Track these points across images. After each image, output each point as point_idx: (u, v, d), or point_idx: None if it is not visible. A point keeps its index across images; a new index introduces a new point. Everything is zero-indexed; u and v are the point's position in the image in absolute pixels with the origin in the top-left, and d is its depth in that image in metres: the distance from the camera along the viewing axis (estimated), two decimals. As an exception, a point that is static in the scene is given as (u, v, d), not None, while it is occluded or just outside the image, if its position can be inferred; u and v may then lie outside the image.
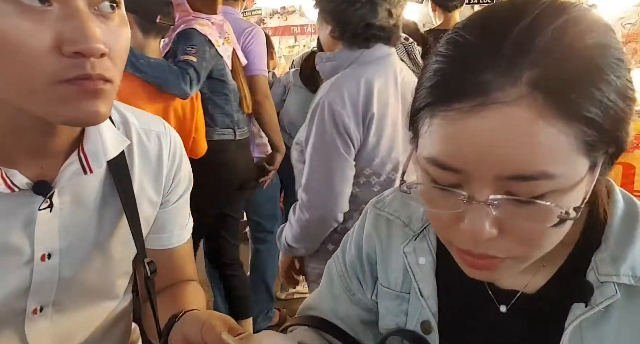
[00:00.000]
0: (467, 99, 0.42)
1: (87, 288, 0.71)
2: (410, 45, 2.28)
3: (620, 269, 0.52)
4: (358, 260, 0.72)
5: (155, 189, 0.76)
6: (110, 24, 0.54)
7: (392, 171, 1.37)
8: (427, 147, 0.47)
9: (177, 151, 0.78)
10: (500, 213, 0.44)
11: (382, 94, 1.30)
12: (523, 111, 0.41)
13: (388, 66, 1.33)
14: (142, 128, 0.74)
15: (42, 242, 0.63)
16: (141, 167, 0.73)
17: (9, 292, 0.63)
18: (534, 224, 0.45)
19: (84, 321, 0.74)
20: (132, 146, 0.72)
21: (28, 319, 0.66)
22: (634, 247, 0.52)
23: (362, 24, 1.25)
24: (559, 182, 0.42)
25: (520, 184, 0.43)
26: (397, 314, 0.66)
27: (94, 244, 0.70)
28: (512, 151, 0.41)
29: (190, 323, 0.66)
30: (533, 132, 0.41)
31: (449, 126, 0.44)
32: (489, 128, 0.42)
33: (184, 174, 0.80)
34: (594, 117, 0.41)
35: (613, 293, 0.51)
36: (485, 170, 0.43)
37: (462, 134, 0.43)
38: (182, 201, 0.81)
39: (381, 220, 0.69)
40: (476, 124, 0.42)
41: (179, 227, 0.82)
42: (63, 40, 0.49)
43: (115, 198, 0.70)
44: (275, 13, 6.10)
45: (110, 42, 0.53)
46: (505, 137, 0.41)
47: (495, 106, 0.41)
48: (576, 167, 0.43)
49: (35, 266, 0.63)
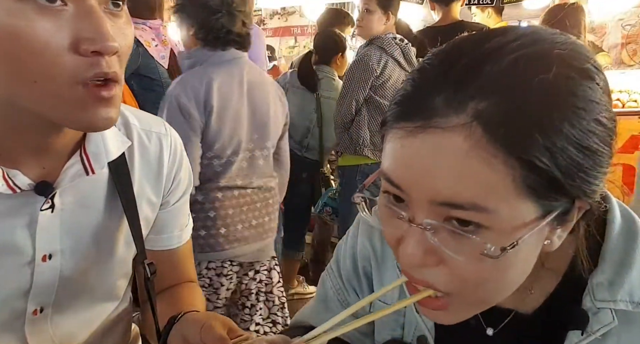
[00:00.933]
0: (413, 120, 0.42)
1: (88, 288, 0.71)
2: (405, 46, 2.28)
3: (617, 295, 0.50)
4: (354, 273, 0.70)
5: (155, 190, 0.76)
6: (118, 22, 0.54)
7: (232, 154, 1.64)
8: (383, 161, 0.47)
9: (178, 152, 0.78)
10: (439, 240, 0.43)
11: (223, 90, 1.57)
12: (459, 140, 0.40)
13: (234, 67, 1.62)
14: (143, 129, 0.74)
15: (43, 243, 0.63)
16: (141, 168, 0.74)
17: (10, 292, 0.63)
18: (470, 258, 0.43)
19: (84, 322, 0.74)
20: (133, 147, 0.72)
21: (28, 320, 0.66)
22: (631, 272, 0.50)
23: (224, 31, 1.54)
24: (494, 218, 0.41)
25: (455, 212, 0.42)
26: (394, 327, 0.66)
27: (95, 245, 0.70)
28: (443, 177, 0.41)
29: (190, 324, 0.66)
30: (465, 163, 0.40)
31: (396, 142, 0.44)
32: (425, 152, 0.42)
33: (184, 175, 0.80)
34: (537, 164, 0.39)
35: (610, 320, 0.50)
36: (420, 193, 0.43)
37: (404, 152, 0.44)
38: (182, 202, 0.82)
39: (375, 233, 0.68)
40: (416, 145, 0.42)
41: (179, 228, 0.82)
42: (81, 39, 0.50)
43: (116, 199, 0.70)
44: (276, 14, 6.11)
45: (119, 40, 0.53)
46: (439, 163, 0.41)
47: (434, 130, 0.41)
48: (517, 210, 0.41)
49: (36, 267, 0.63)
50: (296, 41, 5.89)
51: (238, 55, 1.63)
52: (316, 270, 3.25)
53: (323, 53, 2.73)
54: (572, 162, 0.40)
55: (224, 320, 0.66)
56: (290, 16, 5.96)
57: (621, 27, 3.58)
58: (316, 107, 2.65)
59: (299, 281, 3.03)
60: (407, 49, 2.26)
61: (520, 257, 0.44)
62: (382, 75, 2.22)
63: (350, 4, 4.51)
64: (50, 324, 0.68)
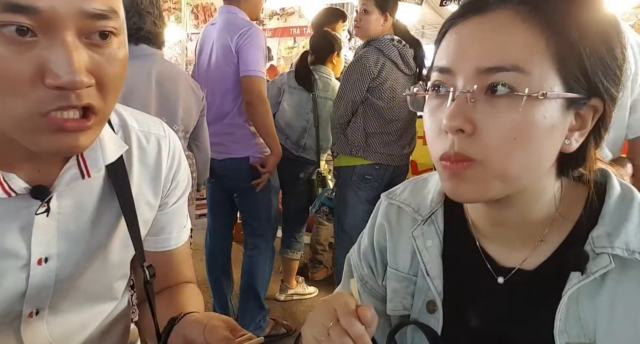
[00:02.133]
0: (469, 14, 0.54)
1: (85, 290, 0.71)
2: (403, 47, 2.28)
3: (615, 242, 0.56)
4: (370, 248, 0.77)
5: (153, 192, 0.76)
6: (103, 52, 0.53)
7: None
8: (434, 61, 0.57)
9: (176, 154, 0.78)
10: (478, 109, 0.51)
11: (130, 81, 1.73)
12: (508, 14, 0.51)
13: (145, 61, 1.74)
14: (142, 131, 0.74)
15: (39, 246, 0.63)
16: (140, 170, 0.73)
17: (5, 296, 0.63)
18: (504, 124, 0.51)
19: (81, 323, 0.74)
20: (132, 149, 0.72)
21: (24, 322, 0.66)
22: (627, 226, 0.57)
23: (134, 28, 1.67)
24: (529, 80, 0.50)
25: (497, 76, 0.50)
26: (404, 296, 0.70)
27: (93, 248, 0.70)
28: (491, 43, 0.51)
29: (191, 325, 0.66)
30: (511, 31, 0.51)
31: (451, 36, 0.55)
32: (475, 29, 0.53)
33: (183, 177, 0.80)
34: (571, 40, 0.50)
35: (608, 263, 0.56)
36: (468, 62, 0.52)
37: (457, 39, 0.54)
38: (180, 203, 0.81)
39: (392, 208, 0.75)
40: (468, 27, 0.54)
41: (177, 229, 0.82)
42: (46, 73, 0.49)
43: (114, 202, 0.70)
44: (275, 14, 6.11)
45: (101, 71, 0.52)
46: (488, 33, 0.52)
47: (488, 13, 0.52)
48: (547, 79, 0.50)
49: (31, 270, 0.63)
50: (295, 42, 5.89)
51: (150, 52, 1.75)
52: (315, 271, 3.25)
53: (318, 53, 2.73)
54: (598, 55, 0.51)
55: (226, 320, 0.66)
56: (289, 17, 5.96)
57: (620, 28, 3.60)
58: (312, 107, 2.65)
59: (298, 281, 3.02)
60: (404, 51, 2.26)
61: (542, 131, 0.52)
62: (379, 77, 2.22)
63: (349, 5, 4.51)
64: (46, 325, 0.68)
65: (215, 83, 2.20)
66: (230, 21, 2.19)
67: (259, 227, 2.38)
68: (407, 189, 0.75)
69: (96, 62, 0.52)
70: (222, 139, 2.20)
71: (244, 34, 2.12)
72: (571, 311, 0.57)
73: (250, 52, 2.12)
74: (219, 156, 2.19)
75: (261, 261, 2.39)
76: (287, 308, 2.88)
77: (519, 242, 0.62)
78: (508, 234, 0.63)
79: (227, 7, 2.23)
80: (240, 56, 2.12)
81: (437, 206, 0.69)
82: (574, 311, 0.57)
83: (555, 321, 0.57)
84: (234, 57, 2.13)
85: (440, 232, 0.68)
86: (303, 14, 5.36)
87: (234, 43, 2.12)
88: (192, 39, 6.71)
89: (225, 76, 2.17)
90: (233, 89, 2.18)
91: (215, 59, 2.19)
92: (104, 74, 0.53)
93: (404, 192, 0.75)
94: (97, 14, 0.51)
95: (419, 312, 0.68)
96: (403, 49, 2.25)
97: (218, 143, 2.18)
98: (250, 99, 2.12)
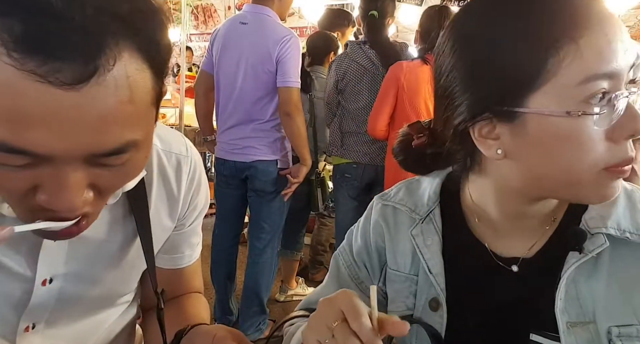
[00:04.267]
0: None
1: (86, 307, 0.70)
2: (368, 49, 2.34)
3: (607, 223, 0.59)
4: (365, 249, 0.77)
5: (170, 213, 0.73)
6: (112, 169, 0.47)
7: None
8: (586, 68, 0.53)
9: (197, 175, 0.75)
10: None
11: None
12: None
13: None
14: (163, 150, 0.71)
15: (45, 267, 0.61)
16: (158, 190, 0.71)
17: (4, 310, 0.61)
18: None
19: (79, 334, 0.72)
20: (152, 168, 0.69)
21: (19, 336, 0.64)
22: (617, 207, 0.61)
23: None
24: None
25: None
26: (407, 295, 0.70)
27: (100, 268, 0.68)
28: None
29: (200, 336, 0.65)
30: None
31: (601, 36, 0.51)
32: (614, 27, 0.51)
33: (201, 199, 0.77)
34: None
35: (602, 242, 0.59)
36: (626, 63, 0.52)
37: (608, 38, 0.51)
38: (195, 224, 0.79)
39: (387, 209, 0.75)
40: (610, 26, 0.51)
41: (190, 248, 0.81)
42: (40, 191, 0.45)
43: (130, 222, 0.68)
44: (274, 15, 6.10)
45: (106, 183, 0.48)
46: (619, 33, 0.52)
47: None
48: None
49: (35, 290, 0.62)
50: (295, 43, 5.90)
51: None
52: (315, 271, 3.24)
53: (315, 54, 2.75)
54: None
55: (233, 331, 0.65)
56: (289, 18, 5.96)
57: (619, 29, 3.60)
58: (309, 108, 2.66)
59: (298, 282, 3.02)
60: (369, 53, 2.35)
61: None
62: (344, 79, 2.35)
63: (350, 5, 4.51)
64: (42, 338, 0.67)
65: (246, 88, 2.17)
66: (268, 26, 2.14)
67: (269, 230, 2.35)
68: (402, 191, 0.76)
69: (101, 177, 0.47)
70: (251, 142, 2.21)
71: (286, 43, 2.10)
72: (570, 292, 0.59)
73: (291, 62, 2.11)
74: (247, 158, 2.20)
75: (266, 268, 2.38)
76: (287, 309, 2.88)
77: (520, 231, 0.64)
78: (522, 224, 0.64)
79: (257, 7, 2.17)
80: (280, 66, 2.10)
81: (435, 204, 0.71)
82: (572, 292, 0.59)
83: (555, 300, 0.59)
84: (273, 66, 2.11)
85: (439, 230, 0.69)
86: (303, 15, 5.35)
87: (276, 52, 2.09)
88: (192, 40, 6.72)
89: (259, 84, 2.15)
90: (266, 95, 2.16)
91: (249, 64, 2.14)
92: (110, 185, 0.49)
93: (398, 193, 0.76)
94: (111, 152, 0.45)
95: (422, 311, 0.69)
96: (368, 51, 2.34)
97: (246, 146, 2.20)
98: (289, 109, 2.12)
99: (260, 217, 2.33)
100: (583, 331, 0.58)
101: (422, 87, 2.12)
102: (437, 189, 0.71)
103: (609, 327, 0.57)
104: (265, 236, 2.36)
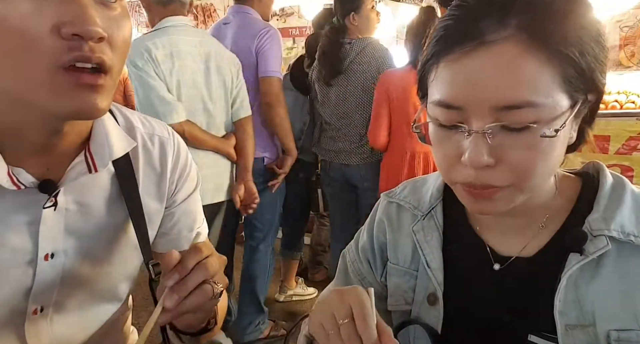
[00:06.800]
0: (467, 43, 0.51)
1: (89, 289, 0.71)
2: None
3: (611, 225, 0.59)
4: (369, 245, 0.79)
5: (159, 193, 0.76)
6: (111, 14, 0.55)
7: None
8: (434, 93, 0.55)
9: (182, 155, 0.79)
10: (496, 142, 0.51)
11: None
12: (510, 48, 0.49)
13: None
14: (147, 133, 0.75)
15: (46, 241, 0.64)
16: (145, 171, 0.74)
17: (11, 291, 0.63)
18: (524, 149, 0.51)
19: (84, 323, 0.74)
20: (137, 150, 0.73)
21: (28, 320, 0.66)
22: (621, 210, 0.60)
23: None
24: (541, 112, 0.50)
25: (510, 114, 0.50)
26: (406, 290, 0.72)
27: (99, 246, 0.70)
28: (502, 84, 0.50)
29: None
30: (518, 68, 0.49)
31: (452, 68, 0.53)
32: (482, 65, 0.50)
33: (191, 177, 0.80)
34: (571, 55, 0.50)
35: (605, 244, 0.58)
36: (481, 102, 0.51)
37: (462, 74, 0.52)
38: (188, 202, 0.81)
39: (392, 206, 0.78)
40: (473, 64, 0.51)
41: (187, 229, 0.82)
42: (61, 23, 0.50)
43: (121, 200, 0.70)
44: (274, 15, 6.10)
45: (111, 30, 0.54)
46: (497, 72, 0.50)
47: (487, 45, 0.50)
48: (557, 101, 0.50)
49: (38, 266, 0.64)
50: (294, 42, 5.88)
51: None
52: (315, 271, 3.24)
53: (313, 55, 2.74)
54: (593, 55, 0.51)
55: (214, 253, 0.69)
56: (288, 17, 5.96)
57: (619, 29, 3.59)
58: (309, 109, 2.66)
59: (298, 282, 3.02)
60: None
61: (559, 142, 0.53)
62: (312, 80, 2.48)
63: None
64: (49, 323, 0.68)
65: None
66: (247, 23, 2.16)
67: (262, 228, 2.37)
68: (407, 188, 0.78)
69: (107, 21, 0.54)
70: None
71: (264, 35, 2.11)
72: (570, 295, 0.59)
73: (270, 53, 2.11)
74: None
75: (261, 266, 2.39)
76: (287, 309, 2.88)
77: (521, 229, 0.64)
78: (511, 222, 0.65)
79: (239, 7, 2.20)
80: (260, 57, 2.10)
81: (437, 201, 0.72)
82: (572, 295, 0.59)
83: (554, 302, 0.59)
84: (253, 59, 2.11)
85: (440, 226, 0.71)
86: (302, 15, 5.36)
87: (254, 45, 2.09)
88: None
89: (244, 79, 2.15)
90: (250, 90, 2.15)
91: None
92: (114, 33, 0.55)
93: (403, 191, 0.78)
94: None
95: (420, 305, 0.70)
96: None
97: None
98: (270, 100, 2.12)
99: (252, 216, 2.34)
100: (582, 334, 0.58)
101: (410, 93, 2.12)
102: (440, 187, 0.73)
103: (609, 331, 0.57)
104: (258, 234, 2.37)
